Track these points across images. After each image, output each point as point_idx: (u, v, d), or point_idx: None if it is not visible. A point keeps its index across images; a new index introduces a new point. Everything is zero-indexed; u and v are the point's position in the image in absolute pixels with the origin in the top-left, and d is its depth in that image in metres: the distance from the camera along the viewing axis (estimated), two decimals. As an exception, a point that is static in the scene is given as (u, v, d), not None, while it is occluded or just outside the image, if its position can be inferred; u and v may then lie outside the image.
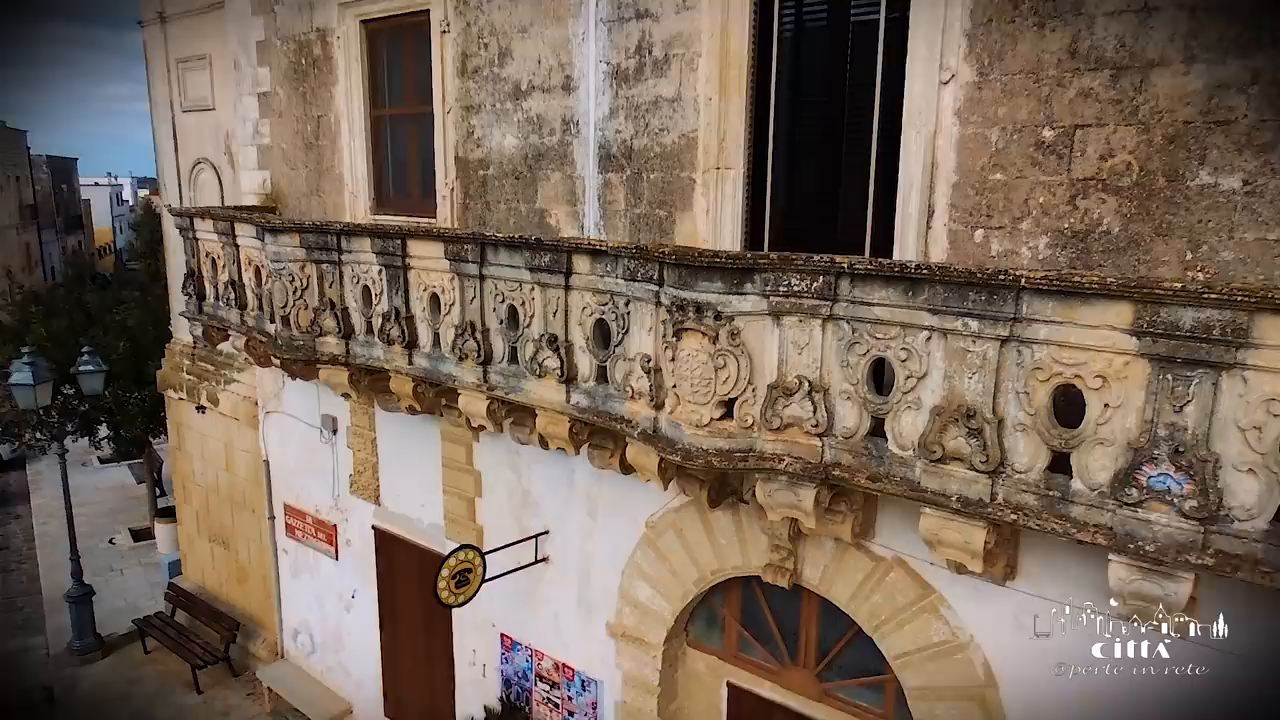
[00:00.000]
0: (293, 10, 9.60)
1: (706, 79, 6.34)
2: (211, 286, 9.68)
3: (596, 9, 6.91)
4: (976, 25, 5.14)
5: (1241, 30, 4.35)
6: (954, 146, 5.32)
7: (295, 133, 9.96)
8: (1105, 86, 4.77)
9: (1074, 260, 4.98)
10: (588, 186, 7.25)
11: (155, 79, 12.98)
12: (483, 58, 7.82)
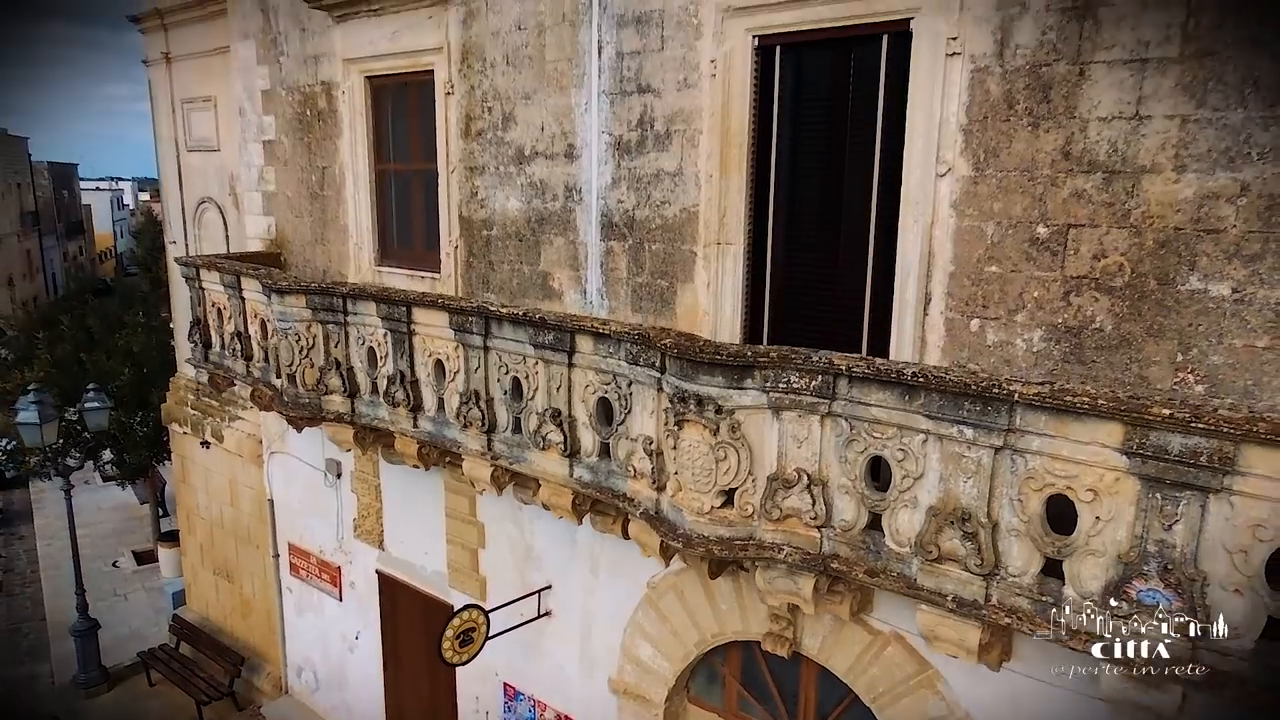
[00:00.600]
0: (297, 62, 9.70)
1: (708, 156, 6.44)
2: (217, 335, 9.79)
3: (599, 81, 7.01)
4: (972, 121, 5.25)
5: (1231, 143, 4.46)
6: (950, 237, 5.42)
7: (300, 181, 10.06)
8: (1098, 189, 4.87)
9: (1068, 354, 5.09)
10: (590, 253, 7.35)
11: (160, 117, 13.07)
12: (486, 121, 7.92)
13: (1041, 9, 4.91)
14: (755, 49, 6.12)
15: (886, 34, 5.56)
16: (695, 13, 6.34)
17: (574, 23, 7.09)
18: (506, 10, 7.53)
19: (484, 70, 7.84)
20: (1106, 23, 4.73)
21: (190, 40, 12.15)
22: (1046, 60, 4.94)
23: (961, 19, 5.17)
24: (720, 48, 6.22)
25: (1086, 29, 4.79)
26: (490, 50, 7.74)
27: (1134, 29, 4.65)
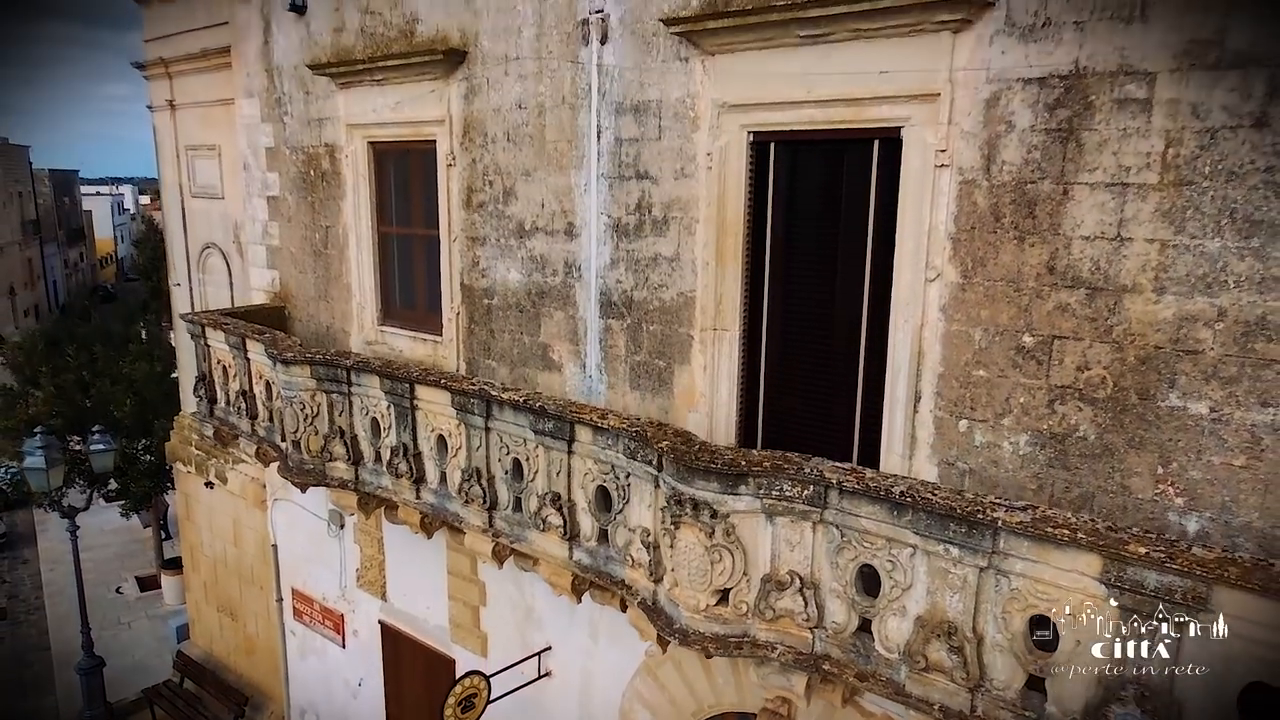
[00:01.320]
0: (301, 123, 9.85)
1: (704, 244, 6.59)
2: (223, 392, 9.94)
3: (598, 164, 7.17)
4: (960, 230, 5.40)
5: (1208, 270, 4.61)
6: (939, 339, 5.58)
7: (304, 239, 10.21)
8: (1081, 304, 5.03)
9: (1053, 460, 5.24)
10: (589, 328, 7.50)
11: (164, 162, 13.22)
12: (488, 194, 8.08)
13: (1027, 129, 5.07)
14: (751, 143, 6.27)
15: (878, 139, 5.72)
16: (692, 106, 6.49)
17: (574, 106, 7.25)
18: (507, 89, 7.69)
19: (485, 145, 8.00)
20: (1089, 146, 4.88)
21: (194, 89, 12.30)
22: (1032, 178, 5.09)
23: (950, 133, 5.33)
24: (716, 141, 6.38)
25: (1070, 151, 4.95)
26: (491, 126, 7.90)
27: (1115, 154, 4.80)
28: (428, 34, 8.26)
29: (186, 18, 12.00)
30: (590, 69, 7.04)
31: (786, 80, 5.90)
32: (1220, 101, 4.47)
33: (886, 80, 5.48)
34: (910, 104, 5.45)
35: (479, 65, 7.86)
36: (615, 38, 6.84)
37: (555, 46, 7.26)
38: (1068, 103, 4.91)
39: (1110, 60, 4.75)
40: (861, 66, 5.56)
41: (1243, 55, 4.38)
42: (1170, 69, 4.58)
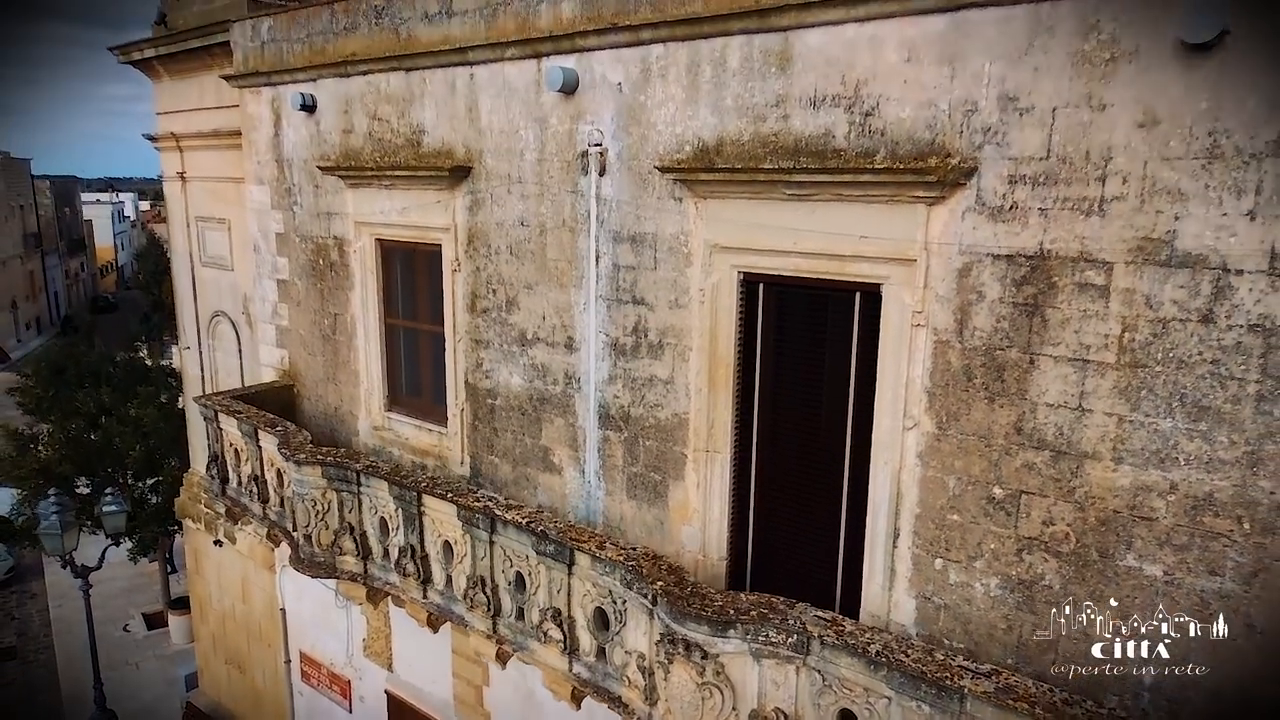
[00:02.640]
0: (310, 214, 10.21)
1: (697, 371, 6.96)
2: (235, 474, 10.30)
3: (596, 286, 7.54)
4: (935, 385, 5.77)
5: (1161, 446, 4.98)
6: (916, 483, 5.95)
7: (313, 323, 10.58)
8: (1046, 464, 5.40)
9: (1021, 604, 5.61)
10: (588, 437, 7.87)
11: (175, 230, 13.59)
12: (491, 301, 8.44)
13: (996, 300, 5.44)
14: (741, 282, 6.64)
15: (859, 291, 6.09)
16: (686, 243, 6.86)
17: (573, 230, 7.62)
18: (510, 206, 8.05)
19: (489, 255, 8.36)
20: (1053, 323, 5.25)
21: (205, 164, 12.66)
22: (1001, 345, 5.46)
23: (925, 295, 5.70)
24: (708, 279, 6.75)
25: (1035, 324, 5.32)
26: (495, 238, 8.27)
27: (1077, 333, 5.17)
28: (434, 145, 8.62)
29: (197, 97, 12.36)
30: (589, 198, 7.41)
31: (774, 231, 6.27)
32: (1171, 296, 4.85)
33: (866, 242, 5.85)
34: (889, 265, 5.82)
35: (483, 181, 8.23)
36: (613, 171, 7.21)
37: (556, 173, 7.62)
38: (1033, 280, 5.29)
39: (1072, 247, 5.12)
40: (843, 228, 5.93)
41: (1191, 257, 4.75)
42: (1126, 261, 4.96)
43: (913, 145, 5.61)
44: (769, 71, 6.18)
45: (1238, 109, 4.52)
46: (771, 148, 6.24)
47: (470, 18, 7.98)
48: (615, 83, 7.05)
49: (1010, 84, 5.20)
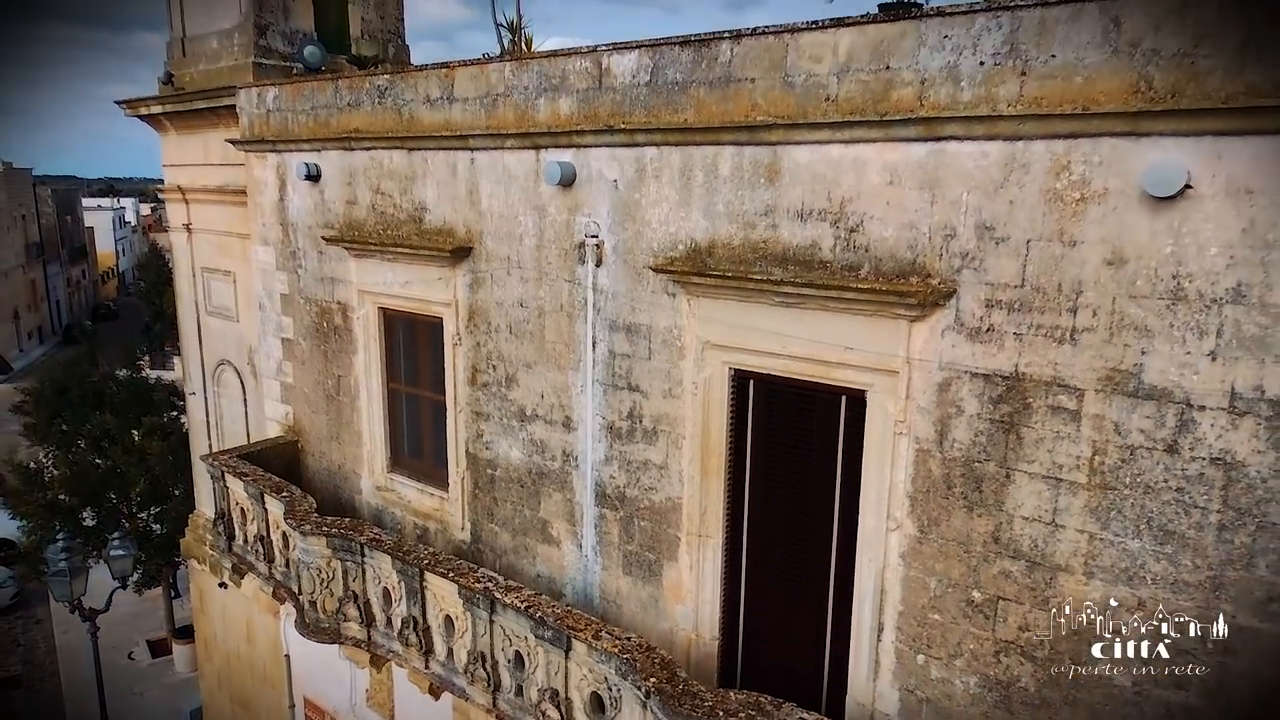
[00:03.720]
0: (314, 278, 10.46)
1: (690, 459, 7.21)
2: (241, 532, 10.54)
3: (593, 370, 7.78)
4: (917, 491, 6.02)
5: (1129, 565, 5.23)
6: (899, 582, 6.19)
7: (317, 382, 10.82)
8: (1022, 573, 5.65)
9: (998, 703, 5.86)
10: (586, 513, 8.11)
11: (181, 278, 13.83)
12: (491, 376, 8.69)
13: (974, 415, 5.68)
14: (732, 377, 6.89)
15: (845, 394, 6.34)
16: (679, 337, 7.11)
17: (571, 315, 7.86)
18: (510, 287, 8.30)
19: (489, 332, 8.61)
20: (1028, 441, 5.50)
21: (211, 218, 12.89)
22: (979, 458, 5.71)
23: (907, 406, 5.95)
24: (701, 373, 6.99)
25: (1011, 441, 5.57)
26: (495, 317, 8.51)
27: (1050, 452, 5.42)
28: (435, 223, 8.87)
29: (203, 153, 12.59)
30: (586, 286, 7.66)
31: (763, 333, 6.51)
32: (1138, 425, 5.09)
33: (851, 352, 6.10)
34: (873, 374, 6.07)
35: (483, 261, 8.48)
36: (609, 263, 7.46)
37: (554, 259, 7.87)
38: (1009, 400, 5.53)
39: (1045, 372, 5.37)
40: (829, 336, 6.17)
41: (1157, 390, 5.00)
42: (1096, 389, 5.20)
43: (895, 263, 5.86)
44: (758, 182, 6.43)
45: (1199, 256, 4.77)
46: (761, 253, 6.48)
47: (471, 105, 8.23)
48: (611, 179, 7.29)
49: (986, 214, 5.45)
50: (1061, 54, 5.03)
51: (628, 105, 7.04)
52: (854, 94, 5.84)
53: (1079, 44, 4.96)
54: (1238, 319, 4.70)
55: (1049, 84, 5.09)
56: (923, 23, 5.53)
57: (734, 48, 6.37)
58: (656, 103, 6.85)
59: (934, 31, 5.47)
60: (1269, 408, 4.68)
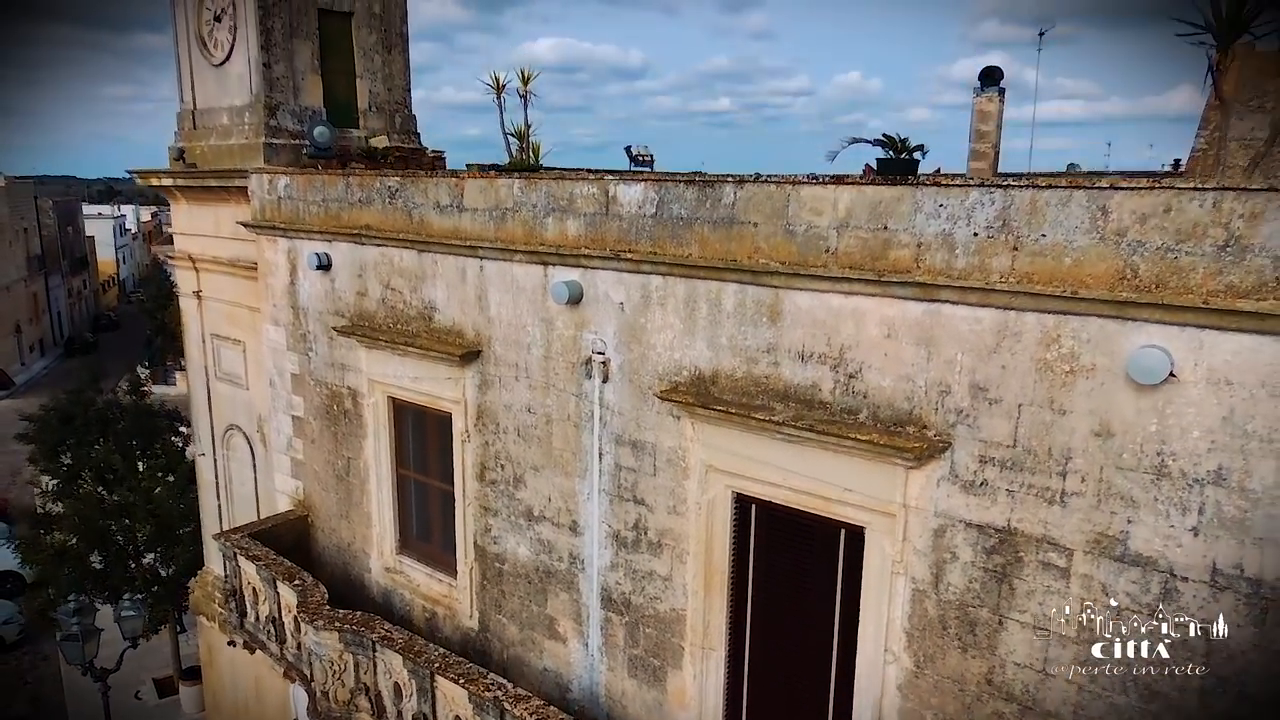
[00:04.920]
0: (325, 363, 10.68)
1: (693, 574, 7.43)
2: (253, 610, 10.76)
3: (599, 480, 8.00)
4: (914, 628, 6.24)
5: (1118, 717, 5.45)
6: (897, 712, 6.41)
7: (327, 462, 11.04)
8: (1015, 717, 5.86)
9: (992, 835, 6.08)
10: (591, 614, 8.33)
11: (191, 344, 14.05)
12: (499, 475, 8.91)
13: (968, 562, 5.91)
14: (734, 500, 7.12)
15: (845, 528, 6.56)
16: (683, 457, 7.33)
17: (578, 425, 8.08)
18: (518, 393, 8.52)
19: (498, 432, 8.83)
20: (1019, 592, 5.72)
21: (220, 287, 13.11)
22: (973, 603, 5.93)
23: (904, 548, 6.17)
24: (704, 494, 7.22)
25: (1004, 590, 5.79)
26: (503, 419, 8.73)
27: (1040, 604, 5.64)
28: (445, 323, 9.09)
29: (213, 225, 12.81)
30: (593, 400, 7.88)
31: (765, 465, 6.73)
32: (1124, 588, 5.32)
33: (850, 493, 6.32)
34: (871, 514, 6.29)
35: (492, 365, 8.70)
36: (615, 381, 7.68)
37: (561, 371, 8.09)
38: (1002, 551, 5.76)
39: (1036, 529, 5.59)
40: (828, 475, 6.40)
41: (1142, 557, 5.22)
42: (1084, 550, 5.42)
43: (892, 411, 6.08)
44: (761, 320, 6.65)
45: (1183, 437, 5.00)
46: (764, 388, 6.71)
47: (480, 216, 8.45)
48: (617, 302, 7.52)
49: (980, 375, 5.67)
50: (1052, 234, 5.25)
51: (634, 234, 7.26)
52: (853, 249, 6.07)
53: (1068, 227, 5.19)
54: (1219, 500, 4.93)
55: (1040, 261, 5.32)
56: (919, 190, 5.76)
57: (737, 191, 6.59)
58: (662, 234, 7.08)
59: (930, 199, 5.69)
60: (1248, 585, 4.91)
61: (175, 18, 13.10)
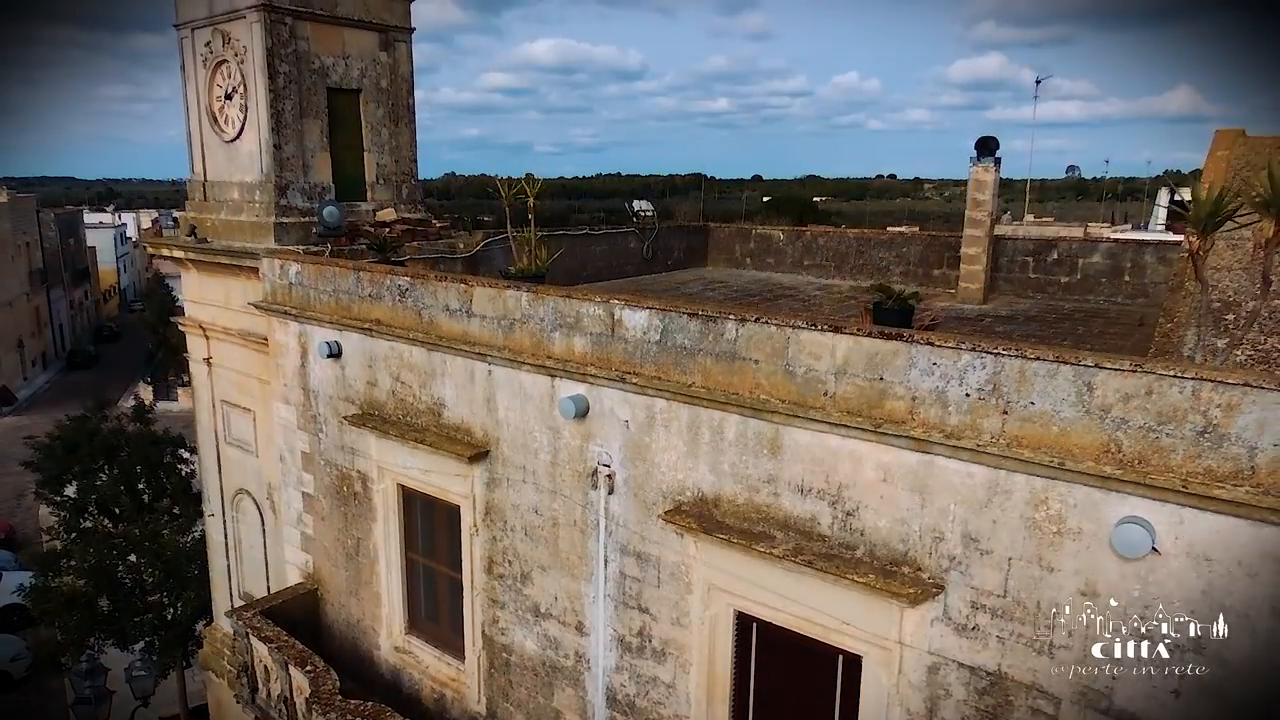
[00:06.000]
0: (335, 445, 10.92)
1: (696, 685, 7.67)
2: (264, 687, 10.99)
3: (605, 585, 8.24)
4: None
5: None
6: (893, 833, 6.65)
7: (336, 540, 11.28)
8: None
9: None
10: (597, 713, 8.57)
11: (200, 408, 14.29)
12: (507, 570, 9.15)
13: (961, 700, 6.15)
14: (736, 617, 7.36)
15: (842, 655, 6.81)
16: (686, 573, 7.57)
17: (584, 531, 8.33)
18: (525, 494, 8.76)
19: (505, 530, 9.07)
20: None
21: (231, 356, 13.36)
22: (966, 738, 6.18)
23: (900, 680, 6.41)
24: (707, 610, 7.46)
25: (995, 730, 6.04)
26: (511, 517, 8.97)
27: None
28: (454, 420, 9.33)
29: (224, 298, 13.06)
30: (599, 510, 8.12)
31: (766, 589, 6.98)
32: (1110, 739, 5.56)
33: (848, 625, 6.57)
34: (868, 644, 6.54)
35: (500, 465, 8.94)
36: (621, 494, 7.92)
37: (568, 478, 8.33)
38: (993, 693, 6.00)
39: (1025, 676, 5.83)
40: (827, 606, 6.64)
41: (1126, 713, 5.47)
42: (1071, 700, 5.67)
43: (888, 551, 6.33)
44: (761, 451, 6.90)
45: (1165, 605, 5.24)
46: (764, 515, 6.95)
47: (489, 323, 8.70)
48: (623, 419, 7.76)
49: (972, 526, 5.92)
50: (1040, 403, 5.50)
51: (639, 357, 7.51)
52: (850, 395, 6.31)
53: (1056, 398, 5.44)
54: (1198, 668, 5.17)
55: (1028, 427, 5.56)
56: (913, 346, 6.00)
57: (739, 328, 6.84)
58: (666, 361, 7.33)
59: (924, 356, 5.94)
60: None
61: (186, 89, 13.35)
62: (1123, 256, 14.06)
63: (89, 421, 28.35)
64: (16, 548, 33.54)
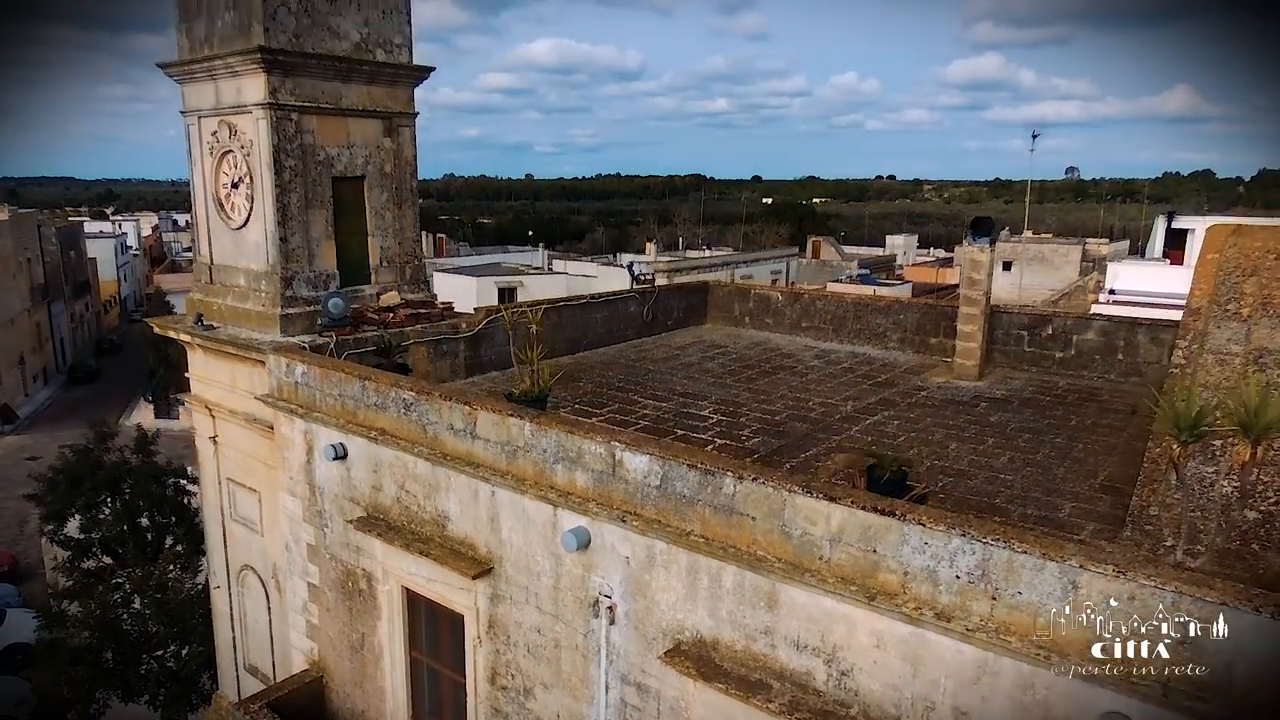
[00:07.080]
0: (340, 542, 11.10)
1: (695, 815, 7.86)
2: (271, 779, 11.18)
3: (606, 711, 8.43)
4: None
5: None
6: None
7: (341, 632, 11.47)
8: None
9: None
10: (598, 829, 8.76)
11: (206, 485, 14.48)
12: (510, 684, 9.34)
13: None
14: (734, 754, 7.55)
15: (837, 802, 6.99)
16: (686, 708, 7.75)
17: (585, 656, 8.52)
18: (528, 614, 8.95)
19: (508, 645, 9.26)
20: None
21: (236, 437, 13.54)
22: None
23: (893, 837, 6.60)
24: (706, 746, 7.65)
25: None
26: (514, 634, 9.16)
27: None
28: (458, 534, 9.52)
29: (230, 381, 13.23)
30: (600, 637, 8.31)
31: (763, 735, 7.16)
32: None
33: (843, 779, 6.75)
34: (862, 799, 6.72)
35: (503, 582, 9.13)
36: (622, 625, 8.11)
37: (570, 604, 8.52)
38: None
39: (1014, 847, 6.02)
40: (823, 759, 6.82)
41: None
42: None
43: (881, 714, 6.52)
44: (759, 603, 7.09)
45: None
46: (761, 664, 7.14)
47: (492, 447, 8.89)
48: (624, 555, 7.95)
49: (962, 700, 6.11)
50: (1028, 594, 5.69)
51: (639, 498, 7.70)
52: (844, 562, 6.51)
53: (1043, 591, 5.63)
54: None
55: (1016, 615, 5.76)
56: (905, 524, 6.19)
57: (736, 485, 7.03)
58: (666, 506, 7.52)
59: (916, 534, 6.14)
60: None
61: (192, 174, 13.53)
62: (1115, 335, 14.25)
63: (91, 454, 28.59)
64: (19, 580, 33.73)
